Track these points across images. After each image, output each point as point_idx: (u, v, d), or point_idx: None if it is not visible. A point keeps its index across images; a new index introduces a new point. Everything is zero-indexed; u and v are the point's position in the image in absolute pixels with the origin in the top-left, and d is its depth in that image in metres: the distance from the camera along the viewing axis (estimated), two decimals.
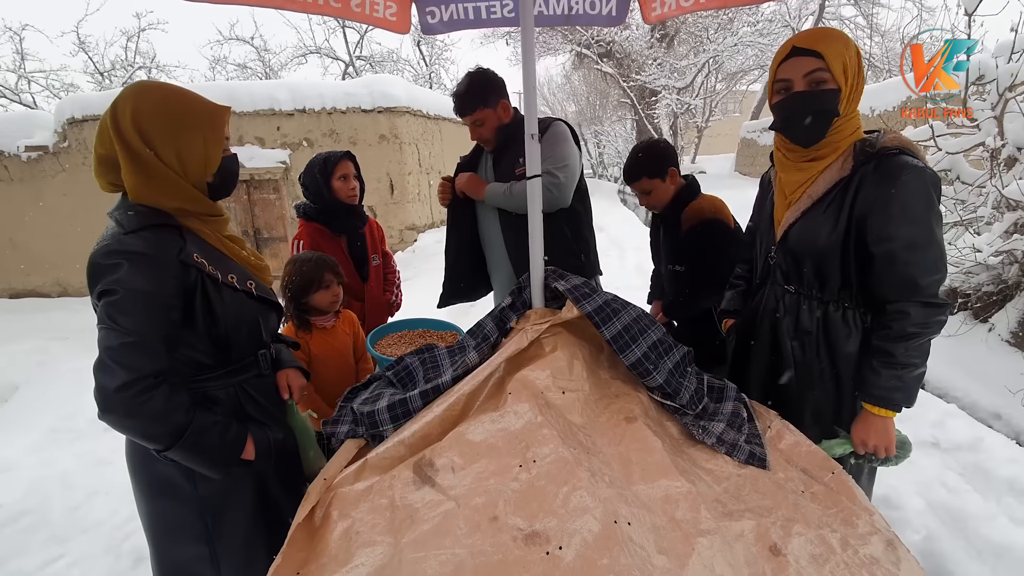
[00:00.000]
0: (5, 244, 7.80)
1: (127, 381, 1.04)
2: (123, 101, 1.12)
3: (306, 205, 2.28)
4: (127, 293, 1.05)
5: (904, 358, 1.25)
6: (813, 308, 1.38)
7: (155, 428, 1.08)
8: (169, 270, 1.10)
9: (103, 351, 1.06)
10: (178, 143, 1.13)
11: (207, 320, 1.17)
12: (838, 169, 1.30)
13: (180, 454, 1.12)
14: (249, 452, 1.22)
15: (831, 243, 1.30)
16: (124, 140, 1.11)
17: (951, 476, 2.24)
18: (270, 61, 17.96)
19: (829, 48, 1.24)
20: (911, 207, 1.21)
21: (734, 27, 13.73)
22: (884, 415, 1.29)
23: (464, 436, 1.09)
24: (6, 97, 14.36)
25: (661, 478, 1.03)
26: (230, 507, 1.25)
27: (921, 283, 1.22)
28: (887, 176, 1.22)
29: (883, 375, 1.27)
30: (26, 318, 6.85)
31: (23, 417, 3.69)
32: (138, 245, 1.08)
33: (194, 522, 1.24)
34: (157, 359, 1.08)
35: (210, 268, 1.16)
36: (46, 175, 7.56)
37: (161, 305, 1.09)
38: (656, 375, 1.22)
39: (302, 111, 7.35)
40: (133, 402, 1.04)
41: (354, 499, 1.06)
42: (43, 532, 2.45)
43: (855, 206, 1.26)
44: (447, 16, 2.15)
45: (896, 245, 1.22)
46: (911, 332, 1.24)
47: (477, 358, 1.29)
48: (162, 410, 1.07)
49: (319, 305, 1.83)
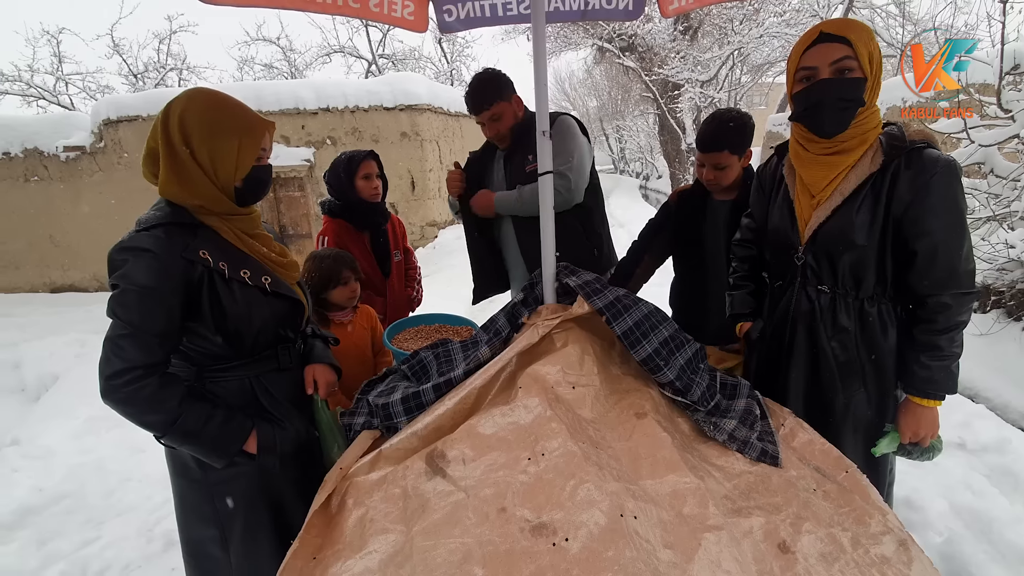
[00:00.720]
0: (45, 240, 8.13)
1: (119, 370, 1.12)
2: (177, 101, 1.21)
3: (331, 202, 2.34)
4: (128, 288, 1.12)
5: (950, 349, 1.28)
6: (850, 306, 1.37)
7: (148, 415, 1.16)
8: (171, 267, 1.15)
9: (105, 341, 1.15)
10: (213, 146, 1.20)
11: (215, 313, 1.22)
12: (868, 164, 1.28)
13: (174, 440, 1.20)
14: (251, 445, 1.27)
15: (869, 241, 1.30)
16: (168, 136, 1.18)
17: (976, 478, 2.18)
18: (295, 61, 18.26)
19: (858, 36, 1.24)
20: (947, 199, 1.23)
21: (760, 18, 13.41)
22: (931, 405, 1.32)
23: (475, 429, 1.12)
24: (45, 99, 14.90)
25: (669, 473, 1.04)
26: (234, 495, 1.31)
27: (960, 271, 1.25)
28: (922, 171, 1.24)
29: (934, 368, 1.29)
30: (65, 311, 7.13)
31: (63, 406, 3.85)
32: (145, 242, 1.14)
33: (205, 505, 1.31)
34: (151, 352, 1.15)
35: (219, 264, 1.21)
36: (83, 174, 7.84)
37: (160, 300, 1.15)
38: (667, 371, 1.23)
39: (326, 110, 7.47)
40: (125, 390, 1.13)
41: (368, 488, 1.10)
42: (81, 515, 2.57)
43: (892, 203, 1.27)
44: (464, 14, 2.17)
45: (937, 238, 1.24)
46: (956, 322, 1.27)
47: (489, 353, 1.31)
48: (153, 399, 1.15)
49: (337, 301, 1.87)
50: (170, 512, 2.40)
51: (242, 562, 1.34)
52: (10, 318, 6.95)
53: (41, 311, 7.28)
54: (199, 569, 1.39)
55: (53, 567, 2.18)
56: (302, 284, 1.46)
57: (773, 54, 14.74)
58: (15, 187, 7.92)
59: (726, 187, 1.89)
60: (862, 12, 12.96)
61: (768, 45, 13.86)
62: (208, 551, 1.35)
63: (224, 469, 1.27)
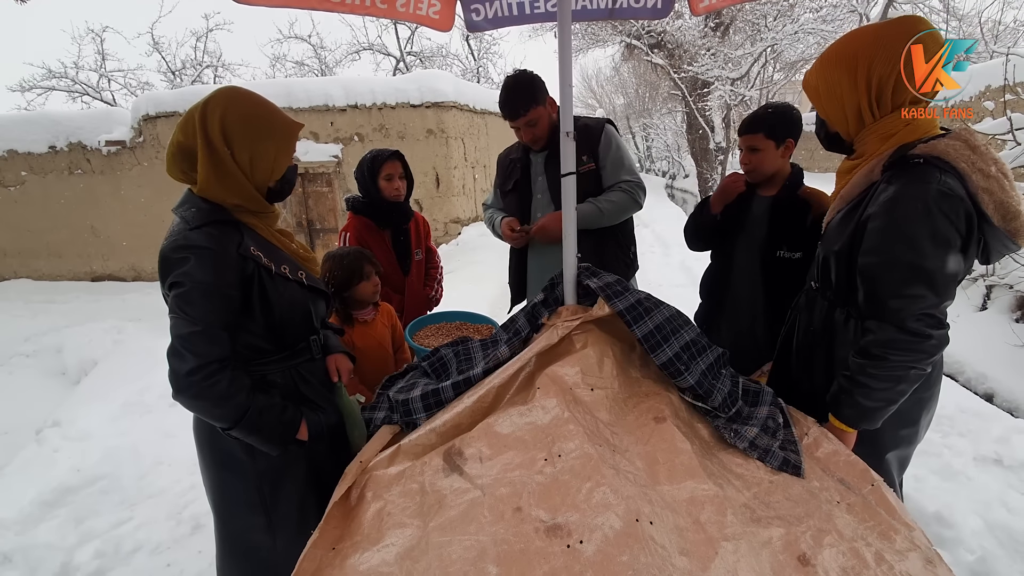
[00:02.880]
0: (87, 231, 8.47)
1: (196, 366, 1.15)
2: (216, 101, 1.23)
3: (355, 199, 2.38)
4: (194, 285, 1.15)
5: (860, 376, 1.19)
6: (823, 309, 1.38)
7: (220, 409, 1.19)
8: (229, 263, 1.20)
9: (175, 338, 1.17)
10: (254, 149, 1.24)
11: (263, 308, 1.26)
12: (867, 173, 1.26)
13: (242, 432, 1.23)
14: (303, 433, 1.32)
15: (840, 247, 1.28)
16: (208, 136, 1.21)
17: (1013, 496, 2.09)
18: (325, 58, 18.56)
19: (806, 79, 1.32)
20: (902, 224, 1.12)
21: (795, 14, 13.03)
22: (840, 428, 1.25)
23: (493, 428, 1.13)
24: (88, 95, 15.50)
25: (687, 479, 1.02)
26: (285, 481, 1.35)
27: (891, 305, 1.15)
28: (890, 186, 1.16)
29: (841, 388, 1.24)
30: (105, 299, 7.44)
31: (102, 390, 4.01)
32: (202, 240, 1.18)
33: (252, 494, 1.34)
34: (222, 346, 1.19)
35: (265, 260, 1.25)
36: (124, 168, 8.14)
37: (223, 295, 1.19)
38: (688, 376, 1.21)
39: (354, 107, 7.58)
40: (202, 385, 1.16)
41: (387, 482, 1.12)
42: (115, 496, 2.68)
43: (864, 211, 1.23)
44: (491, 13, 2.18)
45: (877, 260, 1.16)
46: (873, 353, 1.17)
47: (508, 352, 1.32)
48: (227, 392, 1.18)
49: (362, 296, 1.89)
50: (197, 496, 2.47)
51: (290, 547, 1.37)
52: (53, 304, 7.28)
53: (82, 299, 7.61)
54: (243, 558, 1.42)
55: (89, 544, 2.28)
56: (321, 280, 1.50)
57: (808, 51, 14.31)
58: (60, 179, 8.27)
59: (766, 180, 1.87)
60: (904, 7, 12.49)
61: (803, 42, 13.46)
62: (255, 540, 1.39)
63: (277, 457, 1.31)
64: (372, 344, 1.92)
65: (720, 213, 1.92)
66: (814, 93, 1.31)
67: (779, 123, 1.80)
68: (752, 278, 1.90)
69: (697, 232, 2.03)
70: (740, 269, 1.94)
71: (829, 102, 1.28)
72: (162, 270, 1.19)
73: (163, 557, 2.25)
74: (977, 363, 3.74)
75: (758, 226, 1.88)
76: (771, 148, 1.80)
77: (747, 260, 1.91)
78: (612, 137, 2.11)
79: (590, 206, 2.03)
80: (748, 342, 1.94)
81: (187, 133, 1.24)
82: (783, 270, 1.80)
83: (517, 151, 2.29)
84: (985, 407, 2.96)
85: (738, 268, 1.95)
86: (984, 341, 3.84)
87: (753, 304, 1.92)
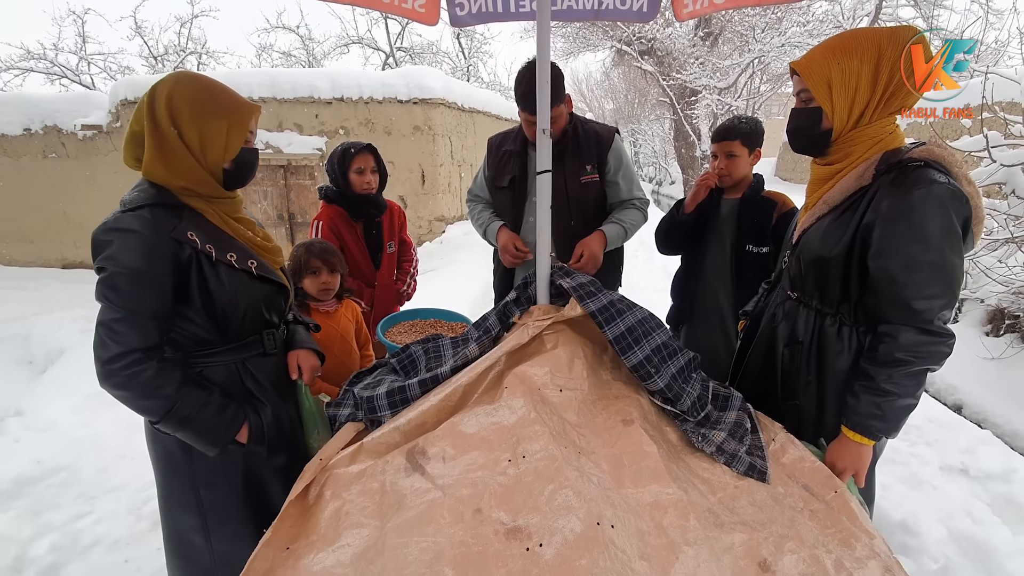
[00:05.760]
0: (60, 217, 8.23)
1: (117, 354, 1.10)
2: (163, 84, 1.19)
3: (328, 188, 2.34)
4: (118, 271, 1.10)
5: (886, 384, 1.16)
6: (810, 318, 1.35)
7: (145, 400, 1.15)
8: (160, 248, 1.14)
9: (98, 324, 1.13)
10: (203, 126, 1.20)
11: (203, 297, 1.21)
12: (857, 178, 1.25)
13: (171, 426, 1.17)
14: (242, 434, 1.27)
15: (835, 253, 1.25)
16: (154, 116, 1.17)
17: (978, 506, 2.13)
18: (313, 50, 18.33)
19: (810, 67, 1.24)
20: (919, 225, 1.12)
21: (783, 27, 13.22)
22: (859, 441, 1.21)
23: (457, 427, 1.10)
24: (67, 78, 15.10)
25: (652, 483, 1.01)
26: (220, 483, 1.30)
27: (916, 307, 1.13)
28: (900, 189, 1.15)
29: (862, 400, 1.20)
30: (75, 287, 7.22)
31: (67, 380, 3.91)
32: (131, 223, 1.13)
33: (188, 494, 1.30)
34: (146, 335, 1.13)
35: (207, 246, 1.19)
36: (99, 152, 7.93)
37: (151, 282, 1.13)
38: (657, 379, 1.20)
39: (340, 100, 7.48)
40: (123, 374, 1.11)
41: (347, 481, 1.09)
42: (75, 488, 2.61)
43: (865, 216, 1.21)
44: (475, 8, 2.15)
45: (895, 263, 1.15)
46: (897, 358, 1.15)
47: (477, 350, 1.29)
48: (152, 383, 1.13)
49: (308, 291, 1.86)
50: None
51: (224, 550, 1.33)
52: (23, 291, 7.06)
53: (53, 286, 7.38)
54: (181, 557, 1.38)
55: (45, 538, 2.21)
56: (284, 270, 1.45)
57: None
58: (34, 163, 8.03)
59: (735, 184, 2.05)
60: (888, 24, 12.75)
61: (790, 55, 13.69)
62: (190, 539, 1.34)
63: (212, 457, 1.26)
64: (333, 335, 1.87)
65: (693, 212, 2.06)
66: (822, 83, 1.22)
67: (752, 133, 2.01)
68: (723, 272, 2.08)
69: (668, 234, 2.17)
70: (712, 265, 2.11)
71: (841, 93, 1.21)
72: (92, 253, 1.15)
73: (121, 553, 2.19)
74: (947, 375, 3.81)
75: (727, 224, 2.06)
76: (744, 155, 2.02)
77: (718, 256, 2.09)
78: (622, 150, 2.06)
79: (618, 228, 1.99)
80: (719, 334, 2.13)
81: (138, 119, 1.20)
82: (751, 263, 1.99)
83: (513, 143, 2.13)
84: (953, 418, 3.02)
85: (710, 264, 2.11)
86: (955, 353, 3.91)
87: (724, 296, 2.10)
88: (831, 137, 1.28)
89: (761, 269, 1.93)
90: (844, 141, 1.27)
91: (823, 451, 1.27)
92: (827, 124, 1.26)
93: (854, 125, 1.25)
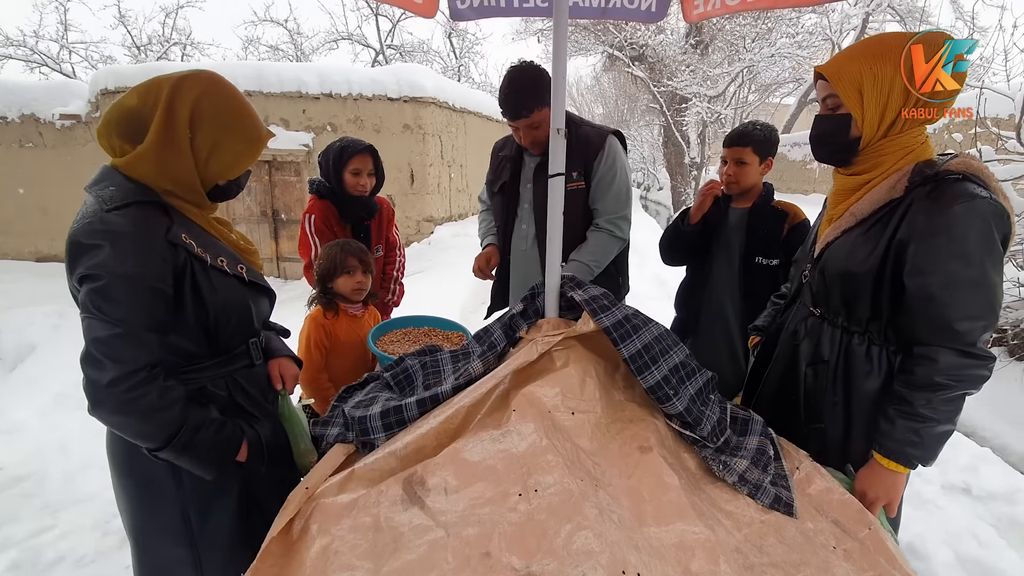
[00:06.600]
0: (35, 208, 7.94)
1: (119, 375, 0.95)
2: (192, 83, 1.07)
3: (319, 182, 2.23)
4: (113, 278, 0.96)
5: (925, 410, 1.09)
6: (836, 337, 1.27)
7: (149, 426, 1.00)
8: (157, 251, 1.01)
9: (90, 343, 0.97)
10: (219, 140, 1.10)
11: (195, 306, 1.09)
12: (888, 189, 1.18)
13: (173, 453, 1.04)
14: (243, 453, 1.15)
15: (865, 268, 1.18)
16: (172, 112, 1.05)
17: (983, 527, 2.08)
18: (302, 44, 18.04)
19: (840, 71, 1.16)
20: (961, 241, 1.05)
21: (772, 37, 13.36)
22: (894, 469, 1.14)
23: (461, 454, 1.00)
24: (47, 66, 14.66)
25: (676, 520, 0.92)
26: (215, 509, 1.17)
27: (958, 328, 1.07)
28: (939, 203, 1.08)
29: (898, 426, 1.12)
30: (49, 281, 6.96)
31: (37, 379, 3.74)
32: (122, 224, 0.99)
33: (177, 523, 1.16)
34: (150, 350, 1.00)
35: (198, 250, 1.08)
36: (77, 143, 7.68)
37: (151, 290, 1.00)
38: (676, 402, 1.11)
39: (328, 95, 7.32)
40: (125, 398, 0.96)
41: (336, 513, 0.97)
42: (38, 499, 2.44)
43: (898, 231, 1.14)
44: (477, 2, 2.05)
45: (934, 281, 1.08)
46: (937, 382, 1.08)
47: (482, 368, 1.19)
48: (156, 406, 0.99)
49: (341, 291, 1.79)
50: None
51: None
52: None
53: (25, 280, 7.12)
54: None
55: (4, 554, 2.06)
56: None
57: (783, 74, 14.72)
58: (9, 152, 7.75)
59: (744, 192, 1.96)
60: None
61: (779, 65, 13.85)
62: (175, 574, 1.20)
63: (205, 480, 1.12)
64: (356, 341, 1.80)
65: (699, 223, 1.98)
66: (852, 88, 1.16)
67: (766, 141, 1.91)
68: (730, 284, 1.99)
69: (673, 245, 2.09)
70: (718, 276, 2.02)
71: (872, 100, 1.15)
72: (71, 259, 1.00)
73: (87, 571, 2.04)
74: None
75: (735, 235, 1.97)
76: (756, 163, 1.93)
77: (725, 268, 2.00)
78: (612, 154, 1.87)
79: (582, 267, 1.84)
80: (725, 349, 2.04)
81: (146, 100, 1.05)
82: (761, 276, 1.91)
83: (511, 148, 2.08)
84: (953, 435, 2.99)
85: (716, 276, 2.03)
86: None
87: (731, 309, 2.00)
88: (859, 146, 1.21)
89: (770, 282, 1.84)
90: (873, 150, 1.20)
91: (851, 478, 1.19)
92: (855, 132, 1.19)
93: (884, 134, 1.18)
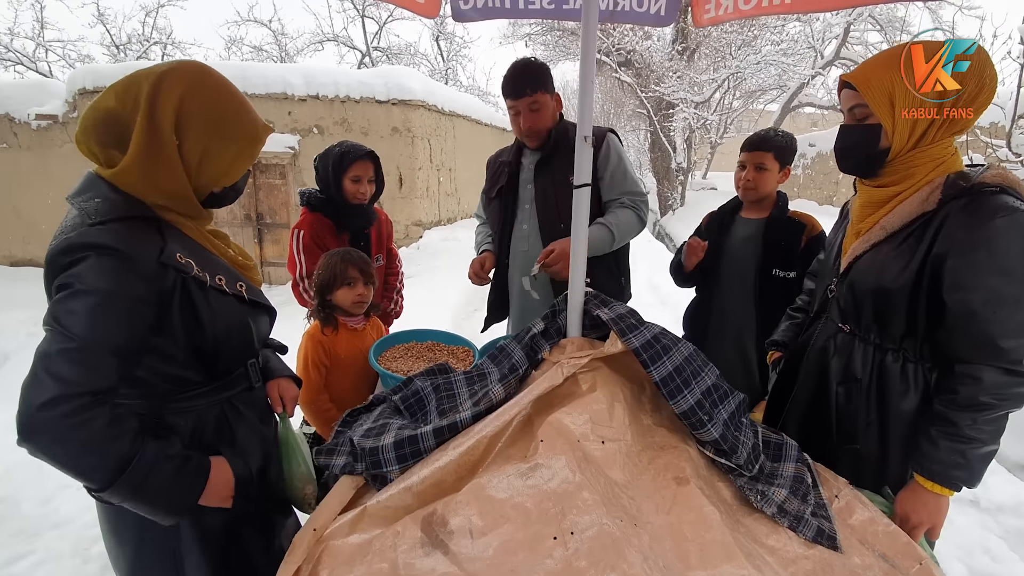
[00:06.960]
0: (9, 211, 7.66)
1: (55, 396, 0.81)
2: (175, 78, 0.96)
3: (311, 194, 2.10)
4: (84, 290, 0.85)
5: (970, 431, 1.06)
6: (868, 354, 1.22)
7: (89, 459, 0.85)
8: (141, 271, 0.91)
9: (36, 357, 0.84)
10: (209, 145, 0.99)
11: (190, 328, 0.99)
12: (921, 202, 1.13)
13: (119, 495, 0.88)
14: (227, 492, 1.03)
15: (900, 284, 1.13)
16: (154, 115, 0.94)
17: (993, 540, 2.06)
18: (286, 45, 17.78)
19: (868, 81, 1.13)
20: (1002, 256, 1.02)
21: (757, 45, 13.53)
22: (938, 492, 1.09)
23: (485, 490, 0.91)
24: (23, 64, 14.23)
25: (724, 563, 0.85)
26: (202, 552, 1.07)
27: (1003, 345, 1.03)
28: (977, 216, 1.05)
29: (941, 447, 1.08)
30: (22, 287, 6.70)
31: (9, 390, 3.54)
32: (106, 238, 0.88)
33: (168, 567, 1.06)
34: (103, 375, 0.86)
35: (197, 270, 0.98)
36: (53, 144, 7.43)
37: (122, 310, 0.88)
38: (712, 428, 1.04)
39: (315, 97, 7.18)
40: (61, 424, 0.81)
41: (348, 556, 0.88)
42: (12, 524, 2.31)
43: (934, 246, 1.09)
44: (481, 2, 1.98)
45: (976, 297, 1.04)
46: (982, 402, 1.05)
47: (503, 392, 1.10)
48: (100, 437, 0.85)
49: (341, 303, 1.69)
50: None
51: None
52: None
53: None
54: None
55: None
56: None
57: (768, 81, 14.92)
58: None
59: (759, 201, 1.91)
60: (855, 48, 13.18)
61: (764, 72, 14.02)
62: None
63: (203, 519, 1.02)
64: (357, 357, 1.69)
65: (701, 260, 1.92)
66: (882, 98, 1.12)
67: (787, 148, 1.86)
68: (744, 297, 1.91)
69: (680, 273, 2.05)
70: (730, 289, 1.95)
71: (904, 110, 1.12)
72: (48, 278, 0.89)
73: None
74: None
75: (749, 246, 1.90)
76: (775, 169, 1.87)
77: (736, 279, 1.93)
78: (614, 148, 1.90)
79: (601, 228, 1.77)
80: (739, 363, 1.96)
81: (124, 102, 0.94)
82: (777, 289, 1.83)
83: (508, 154, 2.05)
84: None
85: (727, 289, 1.96)
86: None
87: (745, 322, 1.92)
88: (887, 157, 1.16)
89: (786, 295, 1.75)
90: (902, 162, 1.15)
91: (890, 501, 1.14)
92: (885, 143, 1.15)
93: (914, 145, 1.14)
